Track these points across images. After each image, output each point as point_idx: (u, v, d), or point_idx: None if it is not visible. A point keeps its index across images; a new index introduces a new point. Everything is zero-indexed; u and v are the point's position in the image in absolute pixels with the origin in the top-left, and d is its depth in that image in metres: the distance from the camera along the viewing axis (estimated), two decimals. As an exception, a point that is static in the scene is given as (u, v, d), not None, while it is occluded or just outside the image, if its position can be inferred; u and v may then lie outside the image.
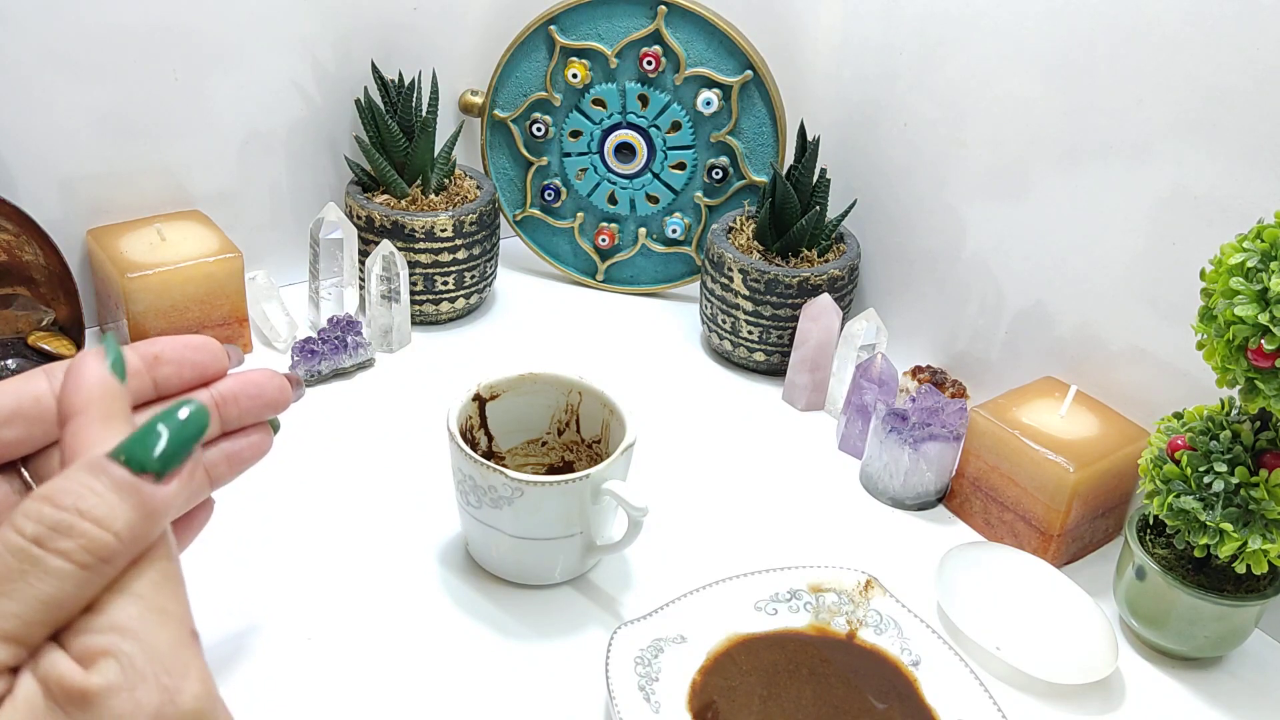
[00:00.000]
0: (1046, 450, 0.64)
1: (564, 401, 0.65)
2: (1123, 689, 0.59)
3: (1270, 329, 0.49)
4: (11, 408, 0.36)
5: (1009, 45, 0.72)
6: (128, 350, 0.38)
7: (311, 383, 0.78)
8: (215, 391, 0.40)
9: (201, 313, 0.76)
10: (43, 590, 0.28)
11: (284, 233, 0.89)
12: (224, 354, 0.40)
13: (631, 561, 0.64)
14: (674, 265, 0.95)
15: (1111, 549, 0.69)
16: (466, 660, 0.57)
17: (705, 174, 0.91)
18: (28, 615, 0.28)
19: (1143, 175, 0.66)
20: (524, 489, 0.55)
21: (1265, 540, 0.53)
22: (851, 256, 0.82)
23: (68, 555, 0.28)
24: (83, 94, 0.75)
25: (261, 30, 0.81)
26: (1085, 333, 0.72)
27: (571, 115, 0.90)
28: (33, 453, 0.37)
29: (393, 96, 0.84)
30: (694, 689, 0.54)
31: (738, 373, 0.85)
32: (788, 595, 0.60)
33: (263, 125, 0.84)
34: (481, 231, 0.85)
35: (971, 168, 0.77)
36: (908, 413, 0.70)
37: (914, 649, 0.58)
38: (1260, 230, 0.50)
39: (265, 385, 0.41)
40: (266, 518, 0.64)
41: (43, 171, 0.76)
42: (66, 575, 0.28)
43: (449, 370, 0.82)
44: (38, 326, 0.73)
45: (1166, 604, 0.58)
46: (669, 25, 0.86)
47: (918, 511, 0.71)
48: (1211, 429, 0.57)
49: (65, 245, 0.76)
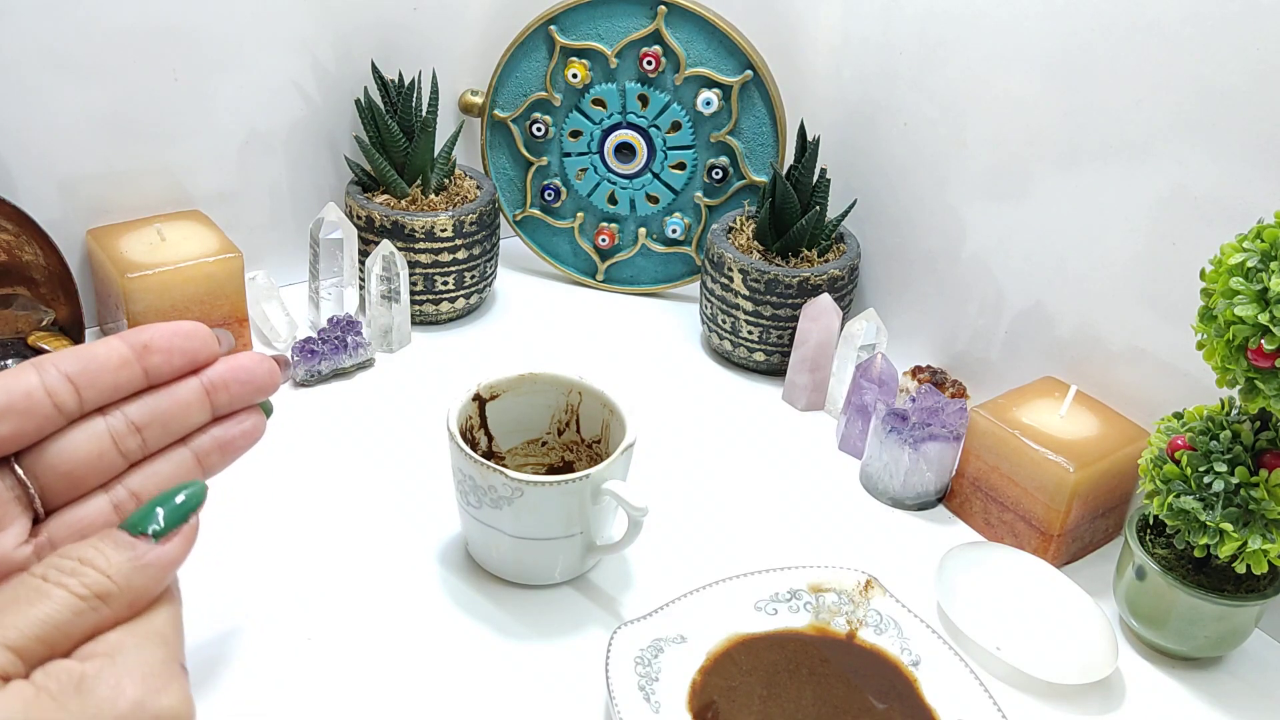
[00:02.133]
0: (1046, 450, 0.64)
1: (564, 401, 0.65)
2: (1123, 689, 0.59)
3: (1270, 329, 0.49)
4: (2, 404, 0.36)
5: (1009, 45, 0.72)
6: (115, 340, 0.38)
7: (311, 383, 0.78)
8: (205, 378, 0.40)
9: (201, 313, 0.76)
10: (42, 611, 0.32)
11: (284, 233, 0.89)
12: (214, 339, 0.40)
13: (631, 561, 0.64)
14: (674, 265, 0.95)
15: (1111, 549, 0.69)
16: (466, 660, 0.57)
17: (705, 174, 0.91)
18: (26, 629, 0.31)
19: (1143, 175, 0.66)
20: (524, 489, 0.55)
21: (1265, 540, 0.53)
22: (851, 256, 0.82)
23: (67, 587, 0.32)
24: (83, 94, 0.75)
25: (261, 30, 0.81)
26: (1085, 333, 0.72)
27: (571, 115, 0.90)
28: (24, 448, 0.37)
29: (393, 96, 0.84)
30: (694, 689, 0.54)
31: (738, 373, 0.85)
32: (788, 595, 0.60)
33: (263, 125, 0.84)
34: (481, 231, 0.85)
35: (971, 168, 0.77)
36: (908, 413, 0.70)
37: (914, 649, 0.58)
38: (1260, 230, 0.50)
39: (255, 369, 0.41)
40: (266, 518, 0.64)
41: (43, 171, 0.76)
42: (63, 601, 0.32)
43: (449, 370, 0.82)
44: (38, 326, 0.73)
45: (1166, 604, 0.58)
46: (669, 25, 0.86)
47: (918, 511, 0.71)
48: (1211, 429, 0.57)
49: (65, 245, 0.76)
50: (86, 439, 0.38)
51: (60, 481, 0.38)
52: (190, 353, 0.39)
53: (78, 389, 0.37)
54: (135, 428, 0.39)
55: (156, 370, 0.39)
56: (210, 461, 0.41)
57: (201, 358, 0.40)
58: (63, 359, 0.37)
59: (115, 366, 0.38)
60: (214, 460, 0.41)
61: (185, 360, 0.39)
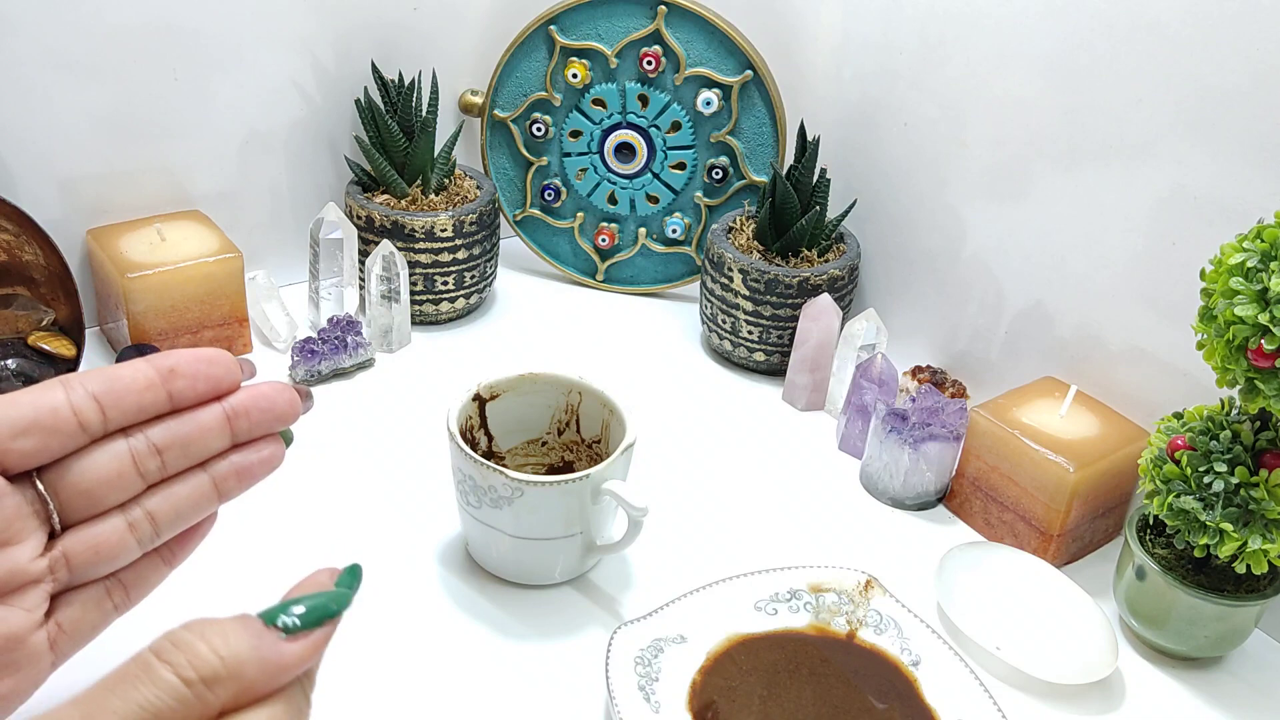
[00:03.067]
0: (1046, 450, 0.64)
1: (564, 401, 0.65)
2: (1123, 689, 0.59)
3: (1270, 329, 0.49)
4: (29, 419, 0.36)
5: (1009, 45, 0.72)
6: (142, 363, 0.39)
7: (311, 383, 0.78)
8: (228, 405, 0.41)
9: (201, 313, 0.76)
10: (144, 695, 0.30)
11: (284, 233, 0.89)
12: (238, 367, 0.41)
13: (631, 561, 0.64)
14: (674, 265, 0.95)
15: (1111, 549, 0.69)
16: (466, 660, 0.57)
17: (705, 174, 0.91)
18: (126, 714, 0.29)
19: (1143, 175, 0.66)
20: (524, 489, 0.55)
21: (1265, 540, 0.53)
22: (851, 256, 0.82)
23: (175, 668, 0.30)
24: (83, 94, 0.75)
25: (261, 30, 0.81)
26: (1085, 333, 0.72)
27: (571, 115, 0.90)
28: (46, 463, 0.37)
29: (393, 96, 0.84)
30: (694, 689, 0.54)
31: (738, 373, 0.85)
32: (788, 595, 0.60)
33: (263, 125, 0.84)
34: (481, 231, 0.85)
35: (971, 168, 0.77)
36: (908, 413, 0.70)
37: (914, 649, 0.58)
38: (1260, 230, 0.50)
39: (276, 398, 0.42)
40: (266, 518, 0.64)
41: (43, 171, 0.76)
42: (167, 686, 0.30)
43: (449, 370, 0.82)
44: (38, 326, 0.73)
45: (1166, 604, 0.58)
46: (669, 25, 0.86)
47: (918, 511, 0.71)
48: (1211, 429, 0.57)
49: (65, 245, 0.76)
50: (108, 459, 0.38)
51: (79, 499, 0.38)
52: (214, 379, 0.40)
53: (103, 408, 0.38)
54: (156, 450, 0.39)
55: (181, 395, 0.39)
56: (227, 487, 0.41)
57: (225, 385, 0.40)
58: (90, 379, 0.38)
59: (141, 389, 0.39)
60: (231, 486, 0.41)
61: (209, 386, 0.40)
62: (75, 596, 0.40)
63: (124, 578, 0.42)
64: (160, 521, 0.41)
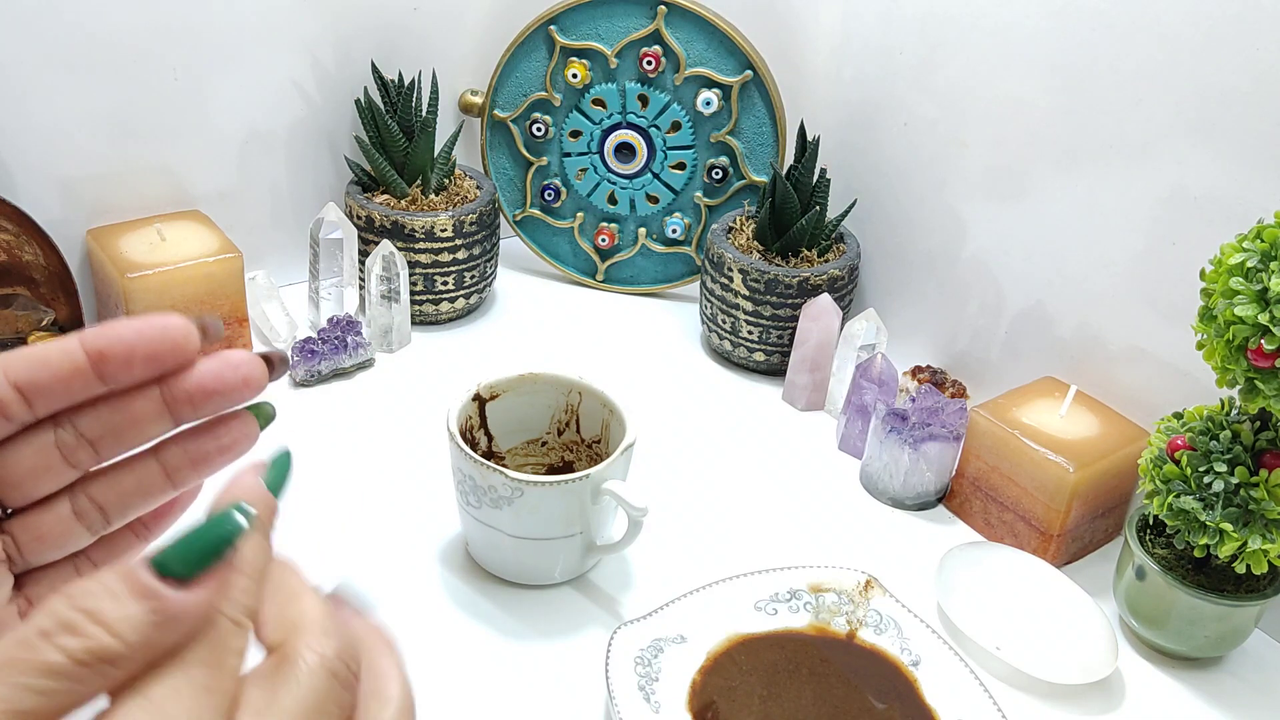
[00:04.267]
0: (1046, 450, 0.64)
1: (564, 401, 0.65)
2: (1123, 689, 0.59)
3: (1270, 329, 0.49)
4: None
5: (1009, 46, 0.72)
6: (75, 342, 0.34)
7: (311, 383, 0.78)
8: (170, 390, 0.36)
9: (201, 313, 0.76)
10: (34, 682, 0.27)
11: (284, 233, 0.89)
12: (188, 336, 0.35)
13: (631, 561, 0.64)
14: (674, 265, 0.95)
15: (1111, 549, 0.69)
16: (466, 660, 0.56)
17: (705, 174, 0.91)
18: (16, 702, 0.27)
19: (1143, 175, 0.66)
20: (524, 489, 0.55)
21: (1265, 540, 0.53)
22: (851, 256, 0.82)
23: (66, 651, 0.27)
24: (83, 94, 0.75)
25: (261, 30, 0.81)
26: (1085, 333, 0.72)
27: (571, 115, 0.90)
28: None
29: (393, 96, 0.84)
30: (694, 689, 0.54)
31: (738, 373, 0.85)
32: (788, 595, 0.60)
33: (263, 125, 0.84)
34: (481, 231, 0.85)
35: (971, 168, 0.77)
36: (908, 413, 0.70)
37: (914, 649, 0.58)
38: (1260, 230, 0.50)
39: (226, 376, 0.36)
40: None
41: (43, 171, 0.76)
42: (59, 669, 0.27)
43: (449, 370, 0.82)
44: (38, 326, 0.73)
45: (1166, 604, 0.58)
46: (669, 25, 0.86)
47: (918, 511, 0.71)
48: (1211, 429, 0.57)
49: (65, 245, 0.76)
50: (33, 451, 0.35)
51: (10, 490, 0.35)
52: (155, 358, 0.35)
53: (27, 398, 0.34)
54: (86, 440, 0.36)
55: (114, 378, 0.35)
56: (181, 476, 0.37)
57: (171, 361, 0.35)
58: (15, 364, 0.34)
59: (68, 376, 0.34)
60: (186, 475, 0.37)
61: (148, 367, 0.35)
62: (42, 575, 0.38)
63: (92, 554, 0.40)
64: (109, 510, 0.37)
